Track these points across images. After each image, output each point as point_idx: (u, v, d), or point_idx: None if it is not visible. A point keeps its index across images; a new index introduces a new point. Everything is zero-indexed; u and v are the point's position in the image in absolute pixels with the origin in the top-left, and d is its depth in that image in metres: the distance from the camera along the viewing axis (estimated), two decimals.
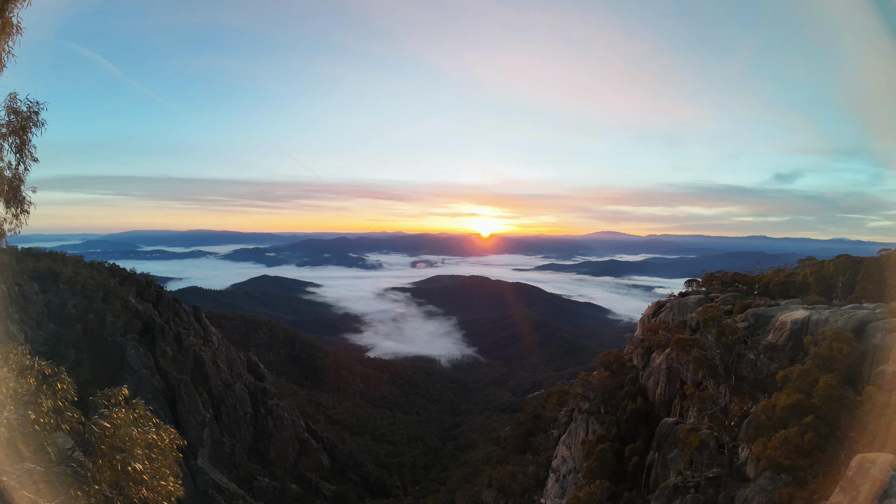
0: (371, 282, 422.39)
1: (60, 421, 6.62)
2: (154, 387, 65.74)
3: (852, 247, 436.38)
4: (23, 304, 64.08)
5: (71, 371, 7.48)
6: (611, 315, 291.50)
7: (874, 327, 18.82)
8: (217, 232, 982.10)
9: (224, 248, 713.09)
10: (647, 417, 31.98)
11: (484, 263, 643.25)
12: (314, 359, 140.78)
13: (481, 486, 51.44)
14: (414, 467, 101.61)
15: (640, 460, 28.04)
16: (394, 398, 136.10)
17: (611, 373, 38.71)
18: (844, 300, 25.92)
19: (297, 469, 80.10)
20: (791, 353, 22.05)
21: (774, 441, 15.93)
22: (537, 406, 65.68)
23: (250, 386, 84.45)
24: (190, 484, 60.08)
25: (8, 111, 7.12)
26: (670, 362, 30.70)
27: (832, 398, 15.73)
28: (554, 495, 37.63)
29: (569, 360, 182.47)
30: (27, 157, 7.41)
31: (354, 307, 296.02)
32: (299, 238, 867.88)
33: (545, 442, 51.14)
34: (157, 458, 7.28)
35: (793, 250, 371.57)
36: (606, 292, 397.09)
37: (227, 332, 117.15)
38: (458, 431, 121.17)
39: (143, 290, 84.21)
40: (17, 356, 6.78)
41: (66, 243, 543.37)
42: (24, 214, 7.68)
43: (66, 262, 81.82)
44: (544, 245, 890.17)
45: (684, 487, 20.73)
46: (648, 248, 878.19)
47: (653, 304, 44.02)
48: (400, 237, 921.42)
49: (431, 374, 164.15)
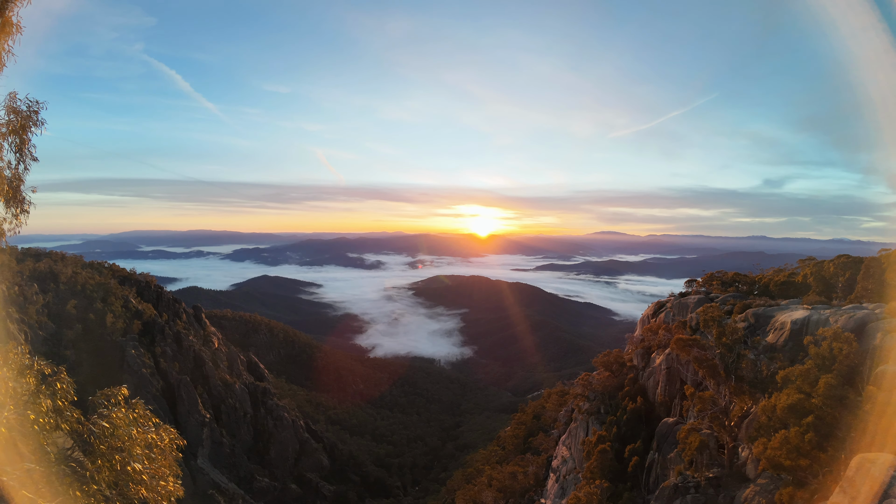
0: (371, 282, 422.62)
1: (60, 421, 6.60)
2: (154, 387, 65.71)
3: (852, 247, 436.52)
4: (23, 304, 64.06)
5: (71, 371, 7.47)
6: (611, 315, 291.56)
7: (874, 327, 18.80)
8: (217, 232, 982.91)
9: (224, 249, 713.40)
10: (647, 417, 31.97)
11: (484, 263, 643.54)
12: (314, 359, 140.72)
13: (481, 486, 51.39)
14: (414, 467, 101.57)
15: (640, 460, 28.03)
16: (394, 398, 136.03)
17: (611, 373, 38.70)
18: (844, 300, 25.90)
19: (297, 469, 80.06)
20: (791, 353, 22.03)
21: (774, 441, 15.93)
22: (537, 406, 65.71)
23: (250, 386, 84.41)
24: (190, 484, 60.04)
25: (8, 110, 7.10)
26: (670, 362, 30.70)
27: (832, 398, 15.72)
28: (554, 495, 37.62)
29: (569, 361, 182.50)
30: (27, 156, 7.39)
31: (354, 307, 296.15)
32: (299, 238, 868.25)
33: (545, 442, 51.14)
34: (157, 458, 7.27)
35: (793, 250, 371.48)
36: (606, 292, 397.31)
37: (227, 332, 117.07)
38: (458, 431, 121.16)
39: (143, 291, 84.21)
40: (16, 356, 6.77)
41: (66, 243, 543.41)
42: (24, 214, 7.67)
43: (65, 262, 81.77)
44: (544, 245, 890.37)
45: (684, 487, 20.72)
46: (648, 248, 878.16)
47: (653, 304, 43.98)
48: (400, 237, 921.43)
49: (431, 374, 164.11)
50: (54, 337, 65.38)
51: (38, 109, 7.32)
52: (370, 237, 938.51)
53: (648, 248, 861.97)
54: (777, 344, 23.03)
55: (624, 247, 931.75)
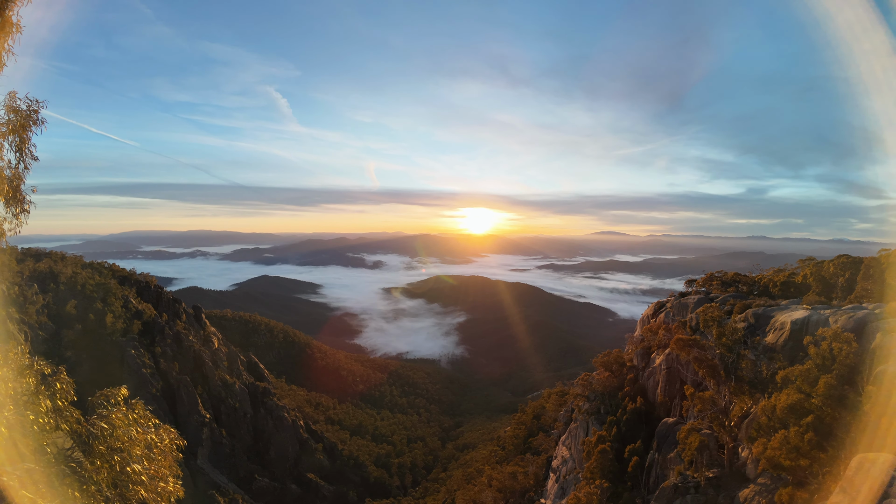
0: (371, 282, 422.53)
1: (60, 421, 6.59)
2: (154, 387, 65.70)
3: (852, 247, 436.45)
4: (23, 304, 64.05)
5: (71, 371, 7.46)
6: (610, 315, 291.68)
7: (874, 327, 18.79)
8: (217, 233, 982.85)
9: (224, 249, 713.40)
10: (647, 417, 31.97)
11: (484, 264, 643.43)
12: (314, 359, 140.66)
13: (481, 486, 51.39)
14: (414, 468, 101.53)
15: (640, 460, 28.03)
16: (394, 398, 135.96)
17: (611, 373, 38.69)
18: (844, 300, 25.90)
19: (297, 469, 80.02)
20: (791, 353, 22.03)
21: (774, 441, 15.92)
22: (537, 406, 65.70)
23: (250, 386, 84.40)
24: (190, 484, 60.02)
25: (8, 110, 7.09)
26: (670, 362, 30.70)
27: (832, 398, 15.72)
28: (554, 495, 37.61)
29: (568, 361, 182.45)
30: (27, 155, 7.37)
31: (354, 307, 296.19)
32: (299, 238, 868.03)
33: (545, 442, 51.13)
34: (157, 459, 7.25)
35: (792, 250, 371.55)
36: (606, 293, 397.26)
37: (227, 332, 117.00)
38: (458, 432, 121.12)
39: (143, 291, 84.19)
40: (16, 356, 6.76)
41: (66, 244, 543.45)
42: (24, 214, 7.65)
43: (65, 262, 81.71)
44: (545, 246, 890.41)
45: (684, 488, 20.72)
46: (648, 248, 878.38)
47: (653, 304, 43.97)
48: (400, 237, 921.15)
49: (431, 374, 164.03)
50: (54, 337, 65.37)
51: (37, 109, 7.30)
52: (370, 237, 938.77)
53: (648, 249, 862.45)
54: (777, 344, 23.02)
55: (624, 247, 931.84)
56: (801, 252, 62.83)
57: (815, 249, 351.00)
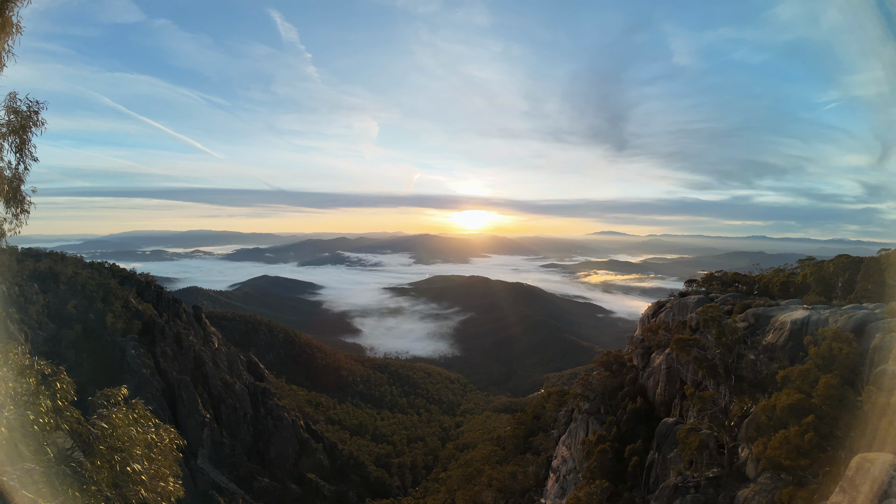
0: (371, 282, 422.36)
1: (60, 421, 6.60)
2: (154, 387, 65.70)
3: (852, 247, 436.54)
4: (23, 304, 64.07)
5: (71, 371, 7.47)
6: (610, 315, 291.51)
7: (874, 327, 18.80)
8: (217, 233, 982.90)
9: (224, 249, 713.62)
10: (647, 417, 31.96)
11: (484, 264, 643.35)
12: (314, 359, 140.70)
13: (481, 486, 51.37)
14: (414, 467, 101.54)
15: (640, 460, 28.03)
16: (394, 398, 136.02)
17: (611, 373, 38.70)
18: (844, 300, 25.91)
19: (297, 469, 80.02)
20: (791, 353, 22.04)
21: (774, 441, 15.92)
22: (537, 406, 65.64)
23: (250, 386, 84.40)
24: (190, 484, 60.05)
25: (8, 111, 7.09)
26: (670, 362, 30.70)
27: (832, 398, 15.72)
28: (554, 495, 37.61)
29: (568, 361, 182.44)
30: (27, 156, 7.38)
31: (354, 307, 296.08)
32: (299, 238, 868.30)
33: (545, 442, 51.11)
34: (157, 459, 7.26)
35: (792, 250, 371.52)
36: (605, 293, 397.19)
37: (227, 332, 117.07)
38: (458, 432, 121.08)
39: (143, 291, 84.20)
40: (16, 356, 6.76)
41: (66, 244, 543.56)
42: (24, 214, 7.66)
43: (66, 262, 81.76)
44: (544, 246, 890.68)
45: (684, 487, 20.72)
46: (648, 248, 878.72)
47: (653, 304, 44.00)
48: (400, 237, 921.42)
49: (431, 374, 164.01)
50: (54, 337, 65.37)
51: (38, 110, 7.31)
52: (370, 237, 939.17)
53: (648, 249, 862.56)
54: (777, 344, 23.03)
55: (624, 247, 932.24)
56: (801, 252, 62.93)
57: (814, 249, 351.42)
